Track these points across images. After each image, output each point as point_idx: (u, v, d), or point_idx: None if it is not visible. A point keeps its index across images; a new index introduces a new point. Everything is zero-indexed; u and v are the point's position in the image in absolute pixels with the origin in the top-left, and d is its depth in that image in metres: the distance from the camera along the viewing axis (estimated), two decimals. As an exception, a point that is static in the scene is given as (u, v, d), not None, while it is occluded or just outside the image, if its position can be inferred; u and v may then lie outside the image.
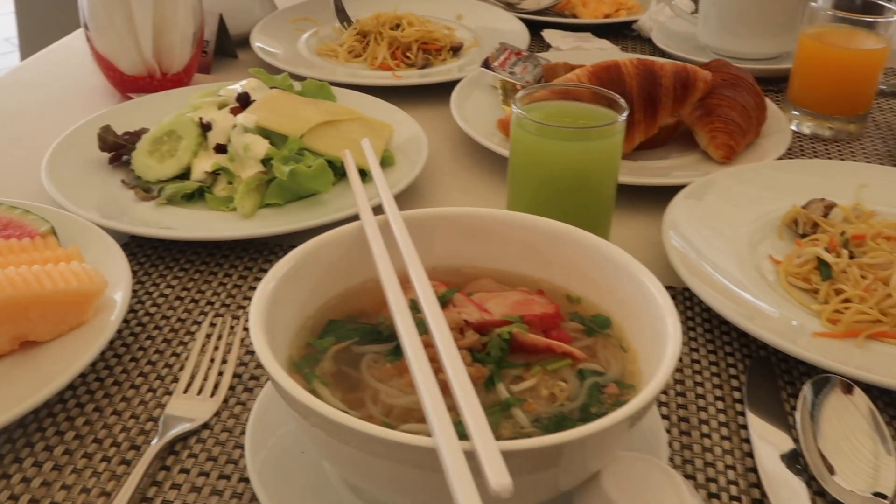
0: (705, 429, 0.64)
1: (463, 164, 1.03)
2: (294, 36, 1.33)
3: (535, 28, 1.40)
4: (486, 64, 1.14)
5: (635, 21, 1.41)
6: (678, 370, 0.70)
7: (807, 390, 0.63)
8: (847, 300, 0.72)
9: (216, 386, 0.66)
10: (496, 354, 0.54)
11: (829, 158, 1.05)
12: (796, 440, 0.61)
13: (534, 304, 0.59)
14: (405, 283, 0.55)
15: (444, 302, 0.59)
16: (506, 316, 0.57)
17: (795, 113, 1.11)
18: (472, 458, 0.42)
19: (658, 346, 0.52)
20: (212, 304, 0.77)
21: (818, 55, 1.07)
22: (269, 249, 0.85)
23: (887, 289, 0.72)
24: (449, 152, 1.05)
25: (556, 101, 0.81)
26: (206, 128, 0.92)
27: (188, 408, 0.64)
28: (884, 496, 0.56)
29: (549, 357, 0.55)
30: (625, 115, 0.75)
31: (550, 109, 0.80)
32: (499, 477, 0.40)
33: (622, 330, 0.58)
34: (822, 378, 0.64)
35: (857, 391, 0.63)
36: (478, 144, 1.02)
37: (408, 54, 1.25)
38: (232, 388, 0.67)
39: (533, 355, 0.55)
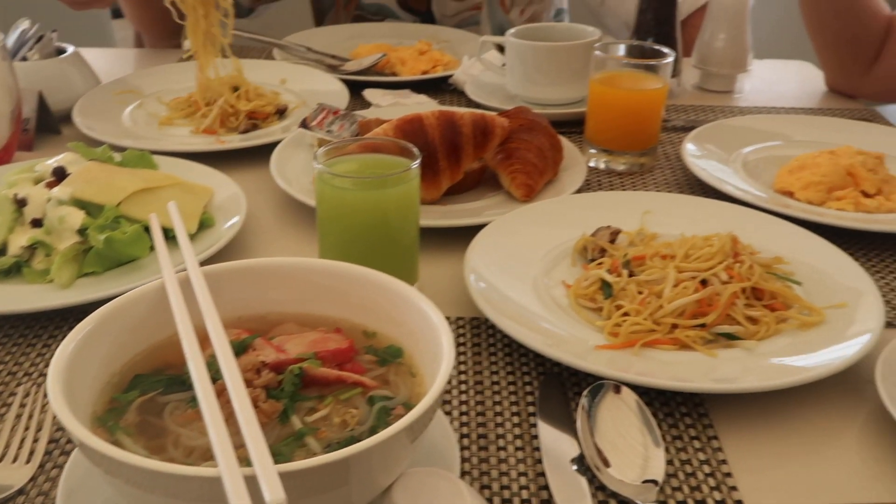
0: (501, 442, 0.70)
1: (286, 220, 1.08)
2: (117, 108, 1.35)
3: (358, 88, 1.47)
4: (304, 124, 1.19)
5: (450, 76, 1.50)
6: (479, 392, 0.76)
7: (585, 396, 0.69)
8: (626, 314, 0.80)
9: (32, 452, 0.68)
10: (289, 389, 0.59)
11: (624, 190, 1.15)
12: (579, 442, 0.67)
13: (329, 341, 0.64)
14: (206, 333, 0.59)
15: (245, 347, 0.63)
16: (301, 354, 0.62)
17: (592, 151, 1.21)
18: (254, 482, 0.46)
19: (438, 366, 0.58)
20: (29, 374, 0.78)
21: (606, 97, 1.17)
22: (90, 317, 0.86)
23: (660, 301, 0.80)
24: (272, 210, 1.10)
25: (362, 154, 0.87)
26: (20, 203, 0.93)
27: (3, 475, 0.65)
28: (655, 482, 0.63)
29: (341, 388, 0.60)
30: (416, 162, 0.81)
31: (352, 163, 0.86)
32: (274, 493, 0.44)
33: (412, 357, 0.64)
34: (597, 384, 0.71)
35: (625, 390, 0.70)
36: (299, 201, 1.06)
37: (232, 119, 1.29)
38: (48, 452, 0.68)
39: (326, 388, 0.60)
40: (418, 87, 1.50)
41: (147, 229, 0.91)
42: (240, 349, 0.62)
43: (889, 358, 0.74)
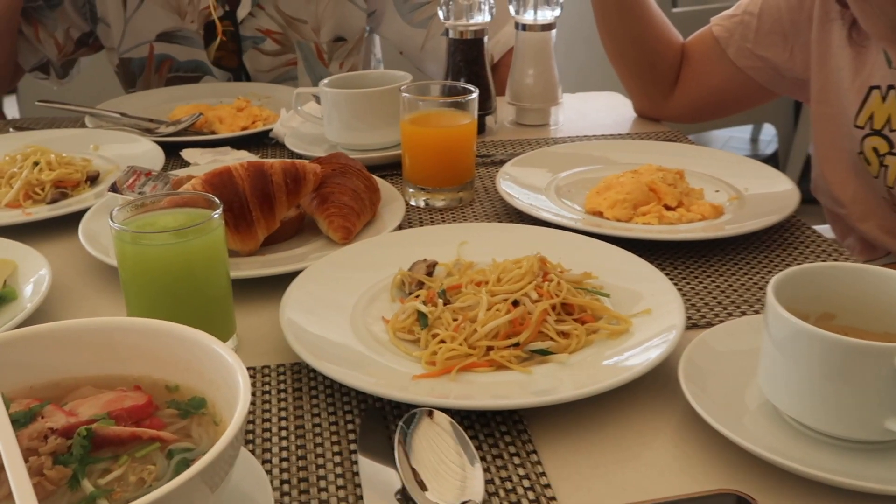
0: (323, 483, 0.68)
1: (98, 286, 1.03)
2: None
3: (177, 150, 1.44)
4: (114, 188, 1.16)
5: (270, 130, 1.49)
6: (301, 436, 0.74)
7: (400, 426, 0.69)
8: (442, 341, 0.81)
9: None
10: (78, 453, 0.56)
11: (445, 224, 1.17)
12: (398, 471, 0.67)
13: (125, 399, 0.62)
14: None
15: (33, 416, 0.59)
16: (94, 416, 0.59)
17: (411, 190, 1.23)
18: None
19: (234, 409, 0.56)
20: None
21: (417, 136, 1.19)
22: None
23: (474, 325, 0.82)
24: (84, 278, 1.05)
25: (166, 210, 0.85)
26: None
27: None
28: (472, 502, 0.63)
29: (137, 445, 0.58)
30: (217, 212, 0.80)
31: (155, 219, 0.84)
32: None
33: (215, 406, 0.62)
34: (411, 412, 0.71)
35: (438, 414, 0.70)
36: (111, 266, 1.02)
37: (37, 190, 1.24)
38: None
39: (121, 447, 0.57)
40: (238, 143, 1.48)
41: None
42: (27, 418, 0.59)
43: (691, 357, 0.77)
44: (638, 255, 0.98)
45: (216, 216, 0.80)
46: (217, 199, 0.82)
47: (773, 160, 3.69)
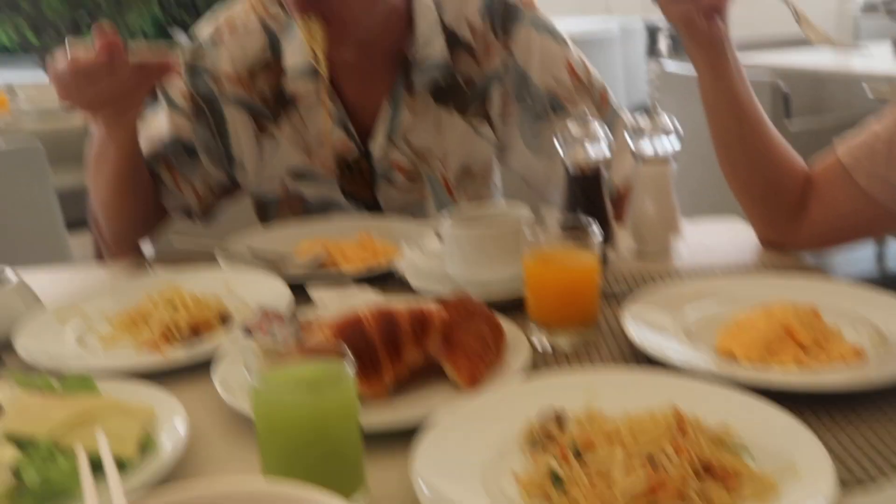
0: None
1: (232, 434, 1.05)
2: (60, 331, 1.35)
3: (303, 286, 1.49)
4: (246, 331, 1.19)
5: (392, 272, 1.52)
6: None
7: None
8: (578, 504, 0.78)
9: None
10: None
11: (570, 366, 1.15)
12: None
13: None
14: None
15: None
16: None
17: (536, 329, 1.22)
18: None
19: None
20: None
21: (541, 276, 1.20)
22: (23, 562, 0.82)
23: (611, 489, 0.79)
24: (218, 424, 1.08)
25: (301, 360, 0.87)
26: (-48, 446, 0.91)
27: None
28: None
29: None
30: (350, 364, 0.81)
31: (287, 372, 0.86)
32: None
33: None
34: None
35: None
36: (244, 414, 1.05)
37: (174, 332, 1.29)
38: None
39: None
40: (361, 281, 1.51)
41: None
42: None
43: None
44: (775, 400, 0.94)
45: (348, 369, 0.81)
46: (349, 352, 0.83)
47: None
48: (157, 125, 1.80)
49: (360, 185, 1.85)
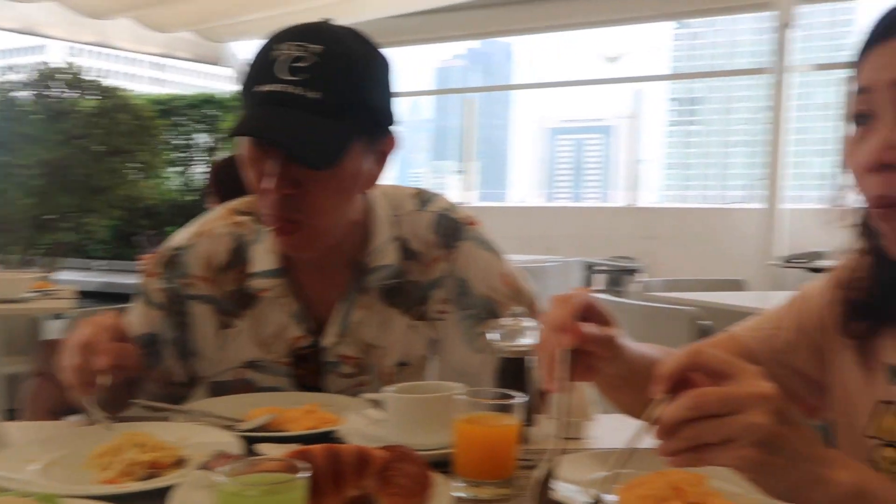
0: None
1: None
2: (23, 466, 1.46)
3: (252, 444, 1.63)
4: (204, 467, 1.33)
5: (335, 431, 1.67)
6: None
7: None
8: None
9: None
10: None
11: (490, 515, 1.30)
12: None
13: None
14: None
15: None
16: None
17: (460, 483, 1.38)
18: None
19: None
20: None
21: (467, 436, 1.37)
22: None
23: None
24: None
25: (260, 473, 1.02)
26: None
27: None
28: None
29: None
30: (304, 472, 0.97)
31: (250, 479, 1.00)
32: None
33: None
34: None
35: None
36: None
37: (134, 470, 1.41)
38: None
39: None
40: (308, 441, 1.66)
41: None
42: None
43: None
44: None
45: (303, 475, 0.97)
46: (302, 466, 0.99)
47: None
48: (130, 319, 1.99)
49: (310, 375, 2.03)
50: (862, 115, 1.24)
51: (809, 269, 6.70)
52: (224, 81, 13.51)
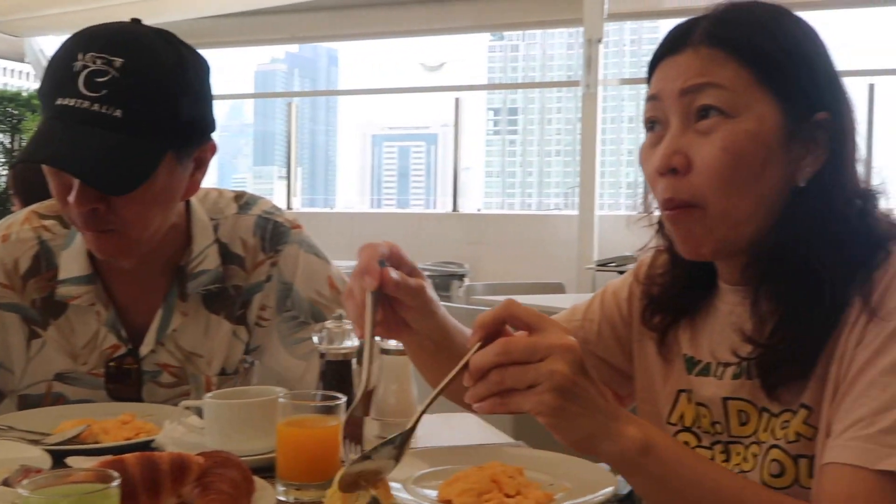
0: None
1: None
2: None
3: (62, 457, 1.54)
4: (6, 483, 1.25)
5: (153, 440, 1.62)
6: None
7: None
8: None
9: None
10: None
11: (313, 516, 1.30)
12: None
13: None
14: None
15: None
16: None
17: (283, 487, 1.37)
18: None
19: None
20: None
21: (288, 438, 1.37)
22: None
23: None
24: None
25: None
26: None
27: None
28: None
29: None
30: (115, 482, 0.94)
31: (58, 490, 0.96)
32: None
33: None
34: None
35: None
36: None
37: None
38: None
39: None
40: (121, 452, 1.59)
41: None
42: None
43: None
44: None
45: (114, 485, 0.94)
46: (113, 473, 0.95)
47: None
48: None
49: (127, 386, 1.95)
50: (652, 122, 1.35)
51: (620, 272, 7.07)
52: (28, 79, 12.70)
